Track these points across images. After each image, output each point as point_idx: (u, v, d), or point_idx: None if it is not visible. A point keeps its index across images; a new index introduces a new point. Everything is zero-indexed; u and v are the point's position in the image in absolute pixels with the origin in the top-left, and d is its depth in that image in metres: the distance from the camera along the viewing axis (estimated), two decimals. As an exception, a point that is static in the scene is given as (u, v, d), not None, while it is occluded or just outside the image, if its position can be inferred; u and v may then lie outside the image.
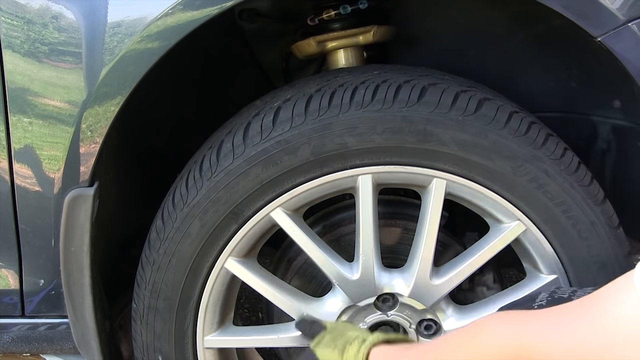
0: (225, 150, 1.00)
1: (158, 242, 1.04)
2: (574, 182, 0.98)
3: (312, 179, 0.99)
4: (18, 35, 0.95)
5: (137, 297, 1.08)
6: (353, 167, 0.98)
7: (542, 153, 0.96)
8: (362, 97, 0.96)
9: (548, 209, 0.98)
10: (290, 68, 1.44)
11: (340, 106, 0.96)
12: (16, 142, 0.99)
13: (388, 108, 0.96)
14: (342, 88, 0.98)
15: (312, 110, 0.97)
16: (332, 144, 0.97)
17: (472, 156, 0.97)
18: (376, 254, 1.03)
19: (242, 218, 1.01)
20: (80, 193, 0.99)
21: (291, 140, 0.97)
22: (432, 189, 0.99)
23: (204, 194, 1.00)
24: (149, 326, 1.08)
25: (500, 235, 1.02)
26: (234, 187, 0.99)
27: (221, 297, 1.08)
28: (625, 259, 1.01)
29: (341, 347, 0.93)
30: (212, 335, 1.09)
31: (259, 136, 0.98)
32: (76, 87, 0.96)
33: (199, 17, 0.92)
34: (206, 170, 1.00)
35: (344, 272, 1.04)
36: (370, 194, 1.00)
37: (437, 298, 1.04)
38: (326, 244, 1.07)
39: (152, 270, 1.04)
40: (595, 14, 0.91)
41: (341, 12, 1.18)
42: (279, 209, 1.01)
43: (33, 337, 1.12)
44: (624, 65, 0.92)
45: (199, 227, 1.01)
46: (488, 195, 0.99)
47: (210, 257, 1.03)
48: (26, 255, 1.07)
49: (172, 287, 1.05)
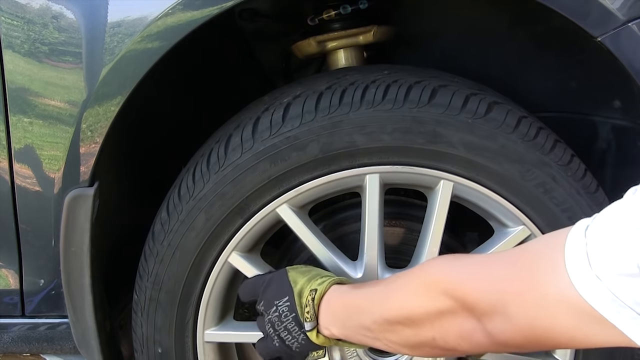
0: (233, 144, 0.99)
1: (162, 234, 1.03)
2: (581, 189, 0.98)
3: (319, 177, 0.99)
4: (18, 35, 0.95)
5: (138, 289, 1.08)
6: (361, 166, 0.98)
7: (550, 159, 0.97)
8: (373, 96, 0.96)
9: (554, 215, 0.98)
10: (290, 68, 1.44)
11: (351, 104, 0.96)
12: (16, 142, 0.99)
13: (399, 108, 0.96)
14: (352, 86, 0.98)
15: (322, 108, 0.97)
16: (341, 142, 0.97)
17: (479, 159, 0.97)
18: (380, 254, 1.03)
19: (247, 213, 1.01)
20: (80, 193, 0.99)
21: (300, 137, 0.97)
22: (439, 191, 0.99)
23: (210, 188, 1.00)
24: (150, 318, 1.07)
25: (505, 239, 1.02)
26: (241, 181, 0.99)
27: (223, 292, 1.08)
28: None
29: (311, 276, 0.95)
30: (213, 329, 1.09)
31: (268, 131, 0.98)
32: (76, 87, 0.96)
33: (199, 17, 0.92)
34: (214, 163, 1.00)
35: (348, 271, 1.04)
36: (377, 193, 1.00)
37: None
38: (331, 242, 1.07)
39: (155, 262, 1.04)
40: (595, 14, 0.91)
41: (341, 12, 1.17)
42: (285, 205, 1.01)
43: (33, 337, 1.12)
44: (624, 65, 0.92)
45: (204, 221, 1.01)
46: (494, 199, 0.99)
47: (214, 251, 1.03)
48: (26, 255, 1.07)
49: (174, 280, 1.04)
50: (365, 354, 1.11)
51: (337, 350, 1.10)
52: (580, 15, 0.92)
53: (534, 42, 1.24)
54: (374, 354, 1.12)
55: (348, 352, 1.10)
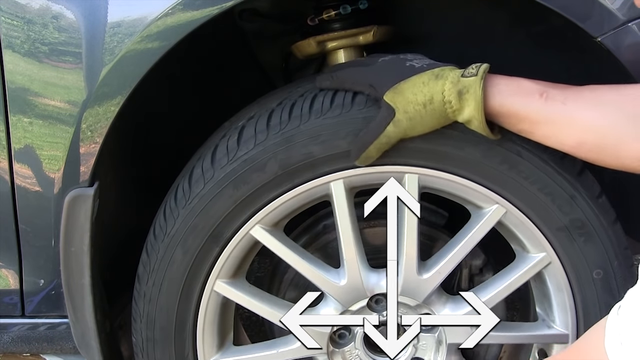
0: (196, 176, 1.00)
1: (146, 275, 1.04)
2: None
3: (285, 192, 0.99)
4: (18, 35, 0.95)
5: (135, 331, 1.09)
6: (323, 175, 0.98)
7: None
8: (321, 104, 0.96)
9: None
10: (290, 68, 1.44)
11: (300, 117, 0.96)
12: (16, 142, 0.99)
13: (347, 112, 0.96)
14: (302, 98, 0.98)
15: (273, 125, 0.97)
16: (298, 155, 0.97)
17: (441, 147, 0.96)
18: (360, 257, 1.03)
19: (222, 240, 1.01)
20: (80, 193, 0.99)
21: (257, 158, 0.97)
22: (405, 185, 0.99)
23: (181, 222, 1.00)
24: (150, 357, 1.08)
25: (481, 221, 1.02)
26: (209, 211, 0.99)
27: (217, 319, 1.08)
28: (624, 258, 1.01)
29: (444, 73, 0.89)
30: (213, 358, 1.10)
31: (225, 158, 0.98)
32: (76, 87, 0.96)
33: (199, 17, 0.92)
34: (180, 199, 1.01)
35: (331, 280, 1.04)
36: (345, 199, 0.99)
37: (428, 292, 1.04)
38: (311, 255, 1.07)
39: (144, 302, 1.05)
40: (595, 14, 0.91)
41: (341, 12, 1.17)
42: (258, 226, 1.01)
43: (33, 337, 1.12)
44: (624, 65, 0.92)
45: (182, 255, 1.02)
46: (463, 184, 0.99)
47: (199, 282, 1.04)
48: (26, 255, 1.07)
49: (165, 316, 1.05)
50: (365, 354, 1.11)
51: (338, 354, 1.11)
52: (580, 15, 0.92)
53: (534, 42, 1.24)
54: (374, 354, 1.12)
55: (349, 355, 1.11)
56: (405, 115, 0.89)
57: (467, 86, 0.85)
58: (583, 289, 1.03)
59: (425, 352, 1.11)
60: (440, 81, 0.87)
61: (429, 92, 0.87)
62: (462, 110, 0.87)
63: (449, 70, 0.89)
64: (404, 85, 0.89)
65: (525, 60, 1.27)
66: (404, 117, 0.89)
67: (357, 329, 1.09)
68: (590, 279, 1.02)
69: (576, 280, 1.03)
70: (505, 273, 1.07)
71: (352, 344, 1.10)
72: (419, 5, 1.32)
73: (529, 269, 1.04)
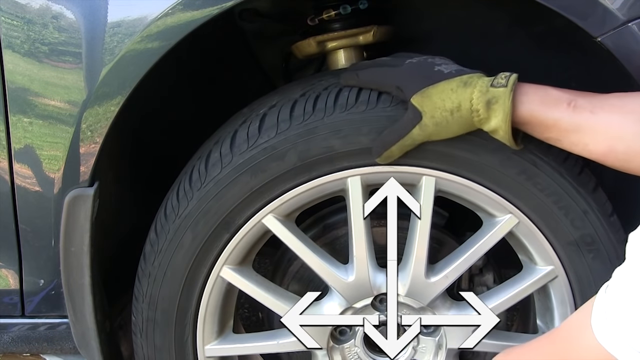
0: (213, 159, 1.00)
1: (152, 254, 1.04)
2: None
3: (301, 184, 0.99)
4: (18, 35, 0.95)
5: (135, 311, 1.08)
6: (341, 170, 0.98)
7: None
8: (346, 99, 0.96)
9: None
10: (290, 68, 1.44)
11: (324, 110, 0.96)
12: (16, 142, 0.99)
13: (372, 109, 0.96)
14: (326, 91, 0.98)
15: (296, 115, 0.97)
16: (319, 148, 0.97)
17: (459, 152, 0.96)
18: (370, 255, 1.03)
19: (234, 227, 1.01)
20: (80, 193, 0.99)
21: (277, 147, 0.97)
22: (422, 187, 0.99)
23: (194, 205, 1.00)
24: (149, 339, 1.08)
25: (493, 229, 1.01)
26: (224, 196, 0.99)
27: (219, 306, 1.08)
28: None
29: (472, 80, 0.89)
30: (212, 344, 1.09)
31: (245, 144, 0.98)
32: (76, 87, 0.96)
33: (199, 17, 0.92)
34: (195, 181, 1.00)
35: (339, 275, 1.04)
36: (360, 195, 1.00)
37: (434, 295, 1.04)
38: (320, 248, 1.07)
39: (149, 282, 1.05)
40: (595, 14, 0.91)
41: (341, 12, 1.17)
42: (270, 215, 1.01)
43: (33, 337, 1.12)
44: (624, 65, 0.92)
45: (191, 239, 1.01)
46: (477, 190, 0.99)
47: (205, 267, 1.03)
48: (26, 255, 1.07)
49: (169, 298, 1.05)
50: (365, 353, 1.11)
51: (337, 350, 1.11)
52: (580, 15, 0.92)
53: (534, 41, 1.24)
54: (373, 353, 1.12)
55: (348, 353, 1.11)
56: (432, 120, 0.89)
57: (496, 97, 0.86)
58: (587, 305, 1.03)
59: (424, 355, 1.11)
60: (469, 89, 0.88)
61: (457, 99, 0.88)
62: (489, 119, 0.87)
63: (477, 77, 0.89)
64: (432, 90, 0.89)
65: (526, 60, 1.27)
66: (431, 122, 0.90)
67: (357, 327, 1.09)
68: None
69: (581, 296, 1.02)
70: (511, 284, 1.06)
71: (352, 341, 1.10)
72: (418, 5, 1.32)
73: (535, 281, 1.04)
